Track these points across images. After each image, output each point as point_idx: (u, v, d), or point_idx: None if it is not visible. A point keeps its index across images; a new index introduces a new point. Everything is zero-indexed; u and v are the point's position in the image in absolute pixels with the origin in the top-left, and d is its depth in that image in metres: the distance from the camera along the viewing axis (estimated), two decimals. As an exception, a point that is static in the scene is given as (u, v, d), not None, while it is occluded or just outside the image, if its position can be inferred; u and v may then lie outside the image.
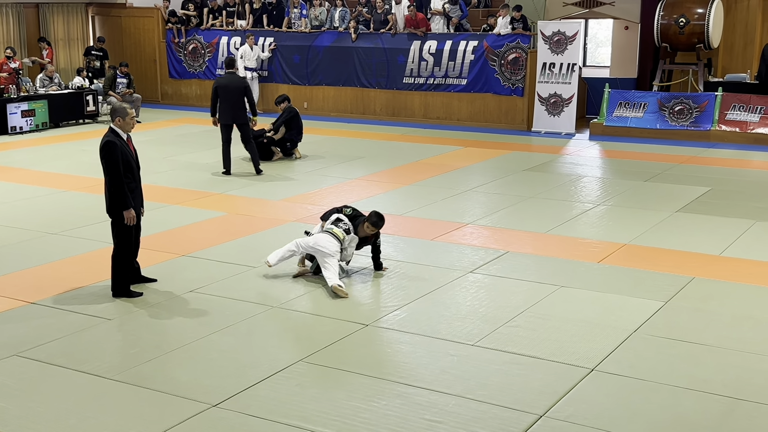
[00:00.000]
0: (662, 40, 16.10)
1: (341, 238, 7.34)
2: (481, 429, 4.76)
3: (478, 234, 8.87)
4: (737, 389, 5.20)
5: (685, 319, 6.41)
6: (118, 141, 6.70)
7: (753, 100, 14.65)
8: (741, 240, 8.54)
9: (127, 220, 6.74)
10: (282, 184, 11.45)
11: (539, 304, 6.74)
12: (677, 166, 12.53)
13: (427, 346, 5.98)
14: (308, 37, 18.24)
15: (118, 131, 6.76)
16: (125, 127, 6.79)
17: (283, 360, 5.65)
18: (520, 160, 13.09)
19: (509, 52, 16.26)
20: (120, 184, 6.65)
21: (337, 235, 7.35)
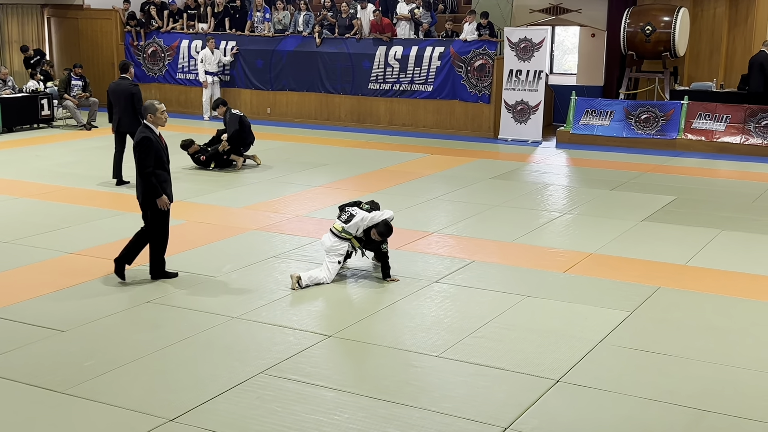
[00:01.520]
0: (628, 48, 16.32)
1: (339, 230, 7.47)
2: (445, 442, 4.76)
3: (444, 243, 8.90)
4: (702, 400, 5.26)
5: (651, 330, 6.48)
6: (152, 136, 7.24)
7: (719, 108, 14.91)
8: (707, 249, 8.66)
9: (161, 206, 7.27)
10: (243, 192, 11.38)
11: (505, 315, 6.77)
12: (643, 174, 12.69)
13: (391, 357, 5.97)
14: (271, 41, 18.19)
15: (152, 126, 7.28)
16: (157, 122, 7.32)
17: (242, 372, 5.61)
18: (486, 168, 13.17)
19: (476, 59, 16.37)
20: (151, 175, 7.19)
21: (336, 229, 7.50)
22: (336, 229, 7.55)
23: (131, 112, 11.20)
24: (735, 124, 14.73)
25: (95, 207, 10.36)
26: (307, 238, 9.01)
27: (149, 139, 7.21)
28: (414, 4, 17.35)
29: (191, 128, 17.33)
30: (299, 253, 8.44)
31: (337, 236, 7.53)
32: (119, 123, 11.38)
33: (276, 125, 17.00)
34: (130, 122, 11.24)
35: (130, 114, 11.21)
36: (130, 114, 11.21)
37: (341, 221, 7.57)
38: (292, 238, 9.03)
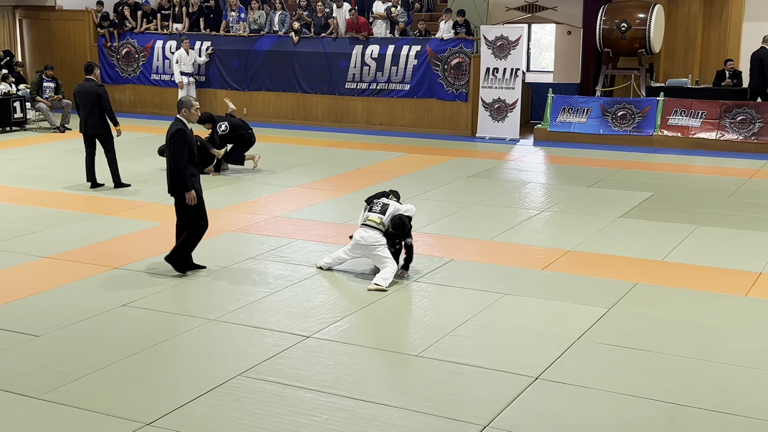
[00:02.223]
0: (604, 45, 16.44)
1: (378, 222, 7.46)
2: (425, 441, 4.77)
3: (422, 242, 8.90)
4: (680, 395, 5.31)
5: (629, 326, 6.53)
6: (186, 129, 7.52)
7: (694, 105, 15.05)
8: (683, 245, 8.74)
9: (189, 200, 7.52)
10: (220, 193, 11.34)
11: (483, 313, 6.80)
12: (620, 171, 12.79)
13: (370, 357, 5.97)
14: (247, 41, 18.13)
15: (185, 121, 7.58)
16: (190, 117, 7.63)
17: (220, 375, 5.59)
18: (464, 167, 13.20)
19: (452, 57, 16.41)
20: (183, 168, 7.44)
21: (374, 221, 7.47)
22: (374, 222, 7.52)
23: (97, 114, 11.10)
24: (710, 120, 14.88)
25: (69, 210, 10.28)
26: (285, 238, 8.99)
27: (183, 132, 7.48)
28: (390, 2, 17.36)
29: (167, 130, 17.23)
30: (277, 254, 8.42)
31: (376, 228, 7.50)
32: (86, 125, 11.26)
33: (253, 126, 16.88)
34: (96, 124, 11.17)
35: (96, 116, 11.12)
36: (96, 116, 11.12)
37: (377, 212, 7.55)
38: (269, 239, 9.00)
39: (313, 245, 8.77)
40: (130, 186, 11.51)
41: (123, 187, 11.44)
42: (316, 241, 8.92)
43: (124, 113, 18.93)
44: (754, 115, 14.59)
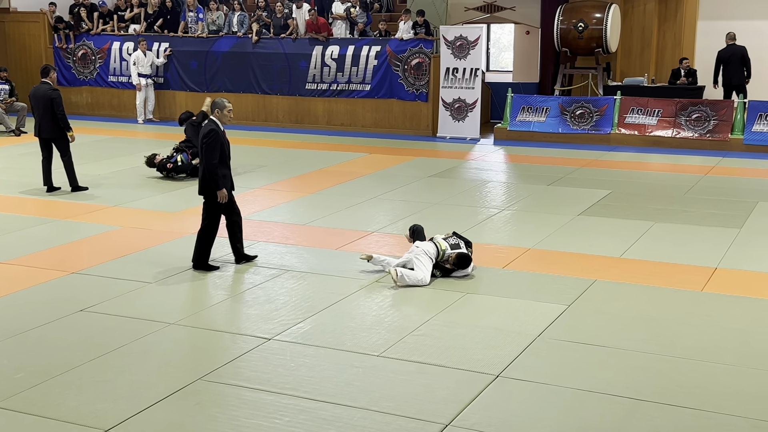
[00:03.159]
0: (562, 44, 16.59)
1: (443, 248, 7.64)
2: (387, 441, 4.77)
3: (384, 242, 8.92)
4: (638, 390, 5.38)
5: (588, 322, 6.60)
6: (219, 130, 7.68)
7: (651, 103, 15.26)
8: (641, 242, 8.86)
9: (220, 198, 7.71)
10: (180, 196, 11.24)
11: (445, 312, 6.82)
12: (579, 169, 12.92)
13: (332, 358, 5.96)
14: (206, 42, 18.00)
15: (217, 122, 7.73)
16: (222, 119, 7.79)
17: (180, 379, 5.54)
18: (425, 166, 13.24)
19: (412, 57, 16.45)
20: (215, 167, 7.62)
21: (440, 244, 7.63)
22: (440, 246, 7.69)
23: (50, 118, 10.95)
24: (666, 118, 15.10)
25: (25, 215, 10.11)
26: (246, 240, 8.91)
27: (216, 133, 7.65)
28: (349, 3, 17.36)
29: (125, 132, 17.07)
30: (237, 257, 8.36)
31: (437, 250, 7.65)
32: (40, 129, 11.11)
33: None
34: (50, 128, 11.01)
35: (49, 119, 10.96)
36: (49, 119, 10.96)
37: (448, 244, 7.73)
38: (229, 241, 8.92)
39: (274, 247, 8.74)
40: (87, 189, 11.36)
41: (80, 191, 11.29)
42: (277, 243, 8.89)
43: (81, 116, 18.70)
44: (709, 113, 14.84)
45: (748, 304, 6.95)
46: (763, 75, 15.34)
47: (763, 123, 14.51)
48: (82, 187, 11.35)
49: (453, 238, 7.85)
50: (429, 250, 7.62)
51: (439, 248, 7.67)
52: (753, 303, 6.99)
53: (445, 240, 7.82)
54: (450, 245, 7.74)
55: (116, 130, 17.15)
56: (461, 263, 7.63)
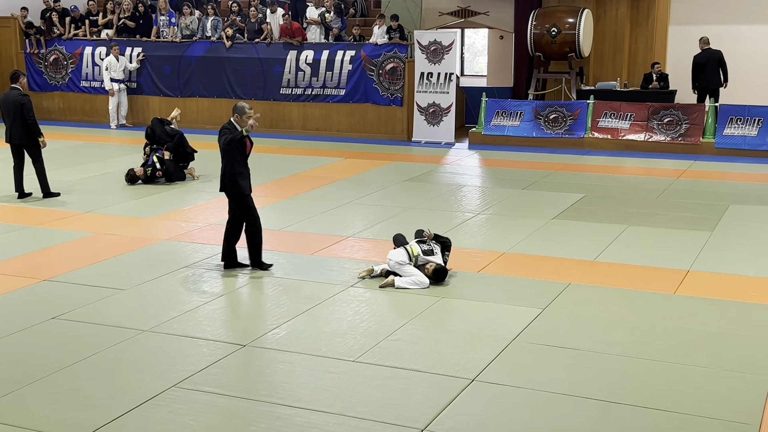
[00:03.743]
0: (536, 49, 16.70)
1: (415, 254, 7.63)
2: (363, 447, 4.77)
3: (359, 247, 8.92)
4: (611, 393, 5.41)
5: (562, 326, 6.63)
6: (232, 130, 7.71)
7: (623, 107, 15.40)
8: (614, 245, 8.93)
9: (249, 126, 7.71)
10: (153, 201, 11.16)
11: (420, 317, 6.83)
12: (553, 173, 13.00)
13: (307, 364, 5.95)
14: (179, 47, 17.91)
15: (235, 125, 7.76)
16: (240, 123, 7.77)
17: (154, 387, 5.49)
18: (400, 171, 13.26)
19: (387, 62, 16.48)
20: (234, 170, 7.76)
21: (412, 250, 7.63)
22: (411, 252, 7.67)
23: (21, 124, 10.86)
24: (639, 122, 15.24)
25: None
26: (220, 246, 8.87)
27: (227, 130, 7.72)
28: (324, 8, 17.36)
29: (98, 137, 16.94)
30: (212, 262, 8.32)
31: (408, 255, 7.64)
32: (11, 135, 11.01)
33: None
34: (21, 134, 10.92)
35: (20, 125, 10.87)
36: (20, 125, 10.87)
37: (421, 249, 7.70)
38: (204, 247, 8.90)
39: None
40: (59, 195, 11.25)
41: (52, 197, 11.18)
42: (251, 249, 8.84)
43: (53, 121, 18.53)
44: (681, 117, 15.00)
45: (720, 307, 7.03)
46: (733, 79, 15.53)
47: (734, 127, 14.69)
48: (54, 194, 11.24)
49: (427, 244, 7.85)
50: (401, 261, 7.59)
51: (411, 254, 7.67)
52: (725, 305, 7.06)
53: (418, 244, 7.82)
54: (423, 251, 7.73)
55: (89, 136, 17.01)
56: (437, 277, 7.59)
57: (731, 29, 16.48)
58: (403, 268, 7.57)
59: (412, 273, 7.54)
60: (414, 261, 7.64)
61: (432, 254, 7.74)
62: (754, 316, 6.78)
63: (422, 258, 7.67)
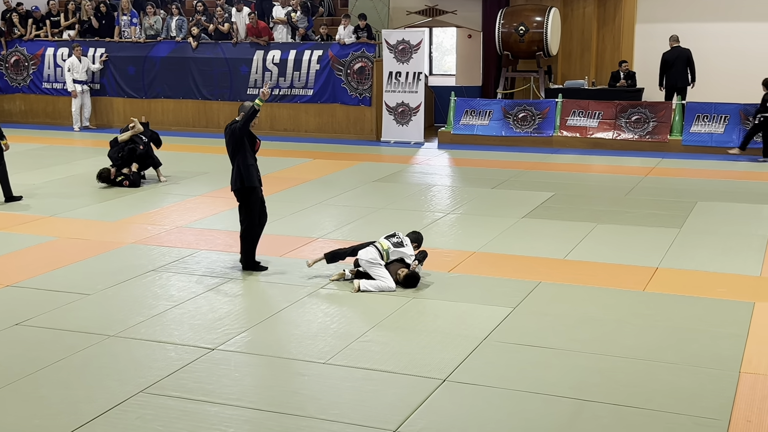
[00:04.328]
0: (504, 48, 16.79)
1: (385, 248, 7.59)
2: (334, 450, 4.76)
3: (329, 248, 8.88)
4: (583, 391, 5.46)
5: (533, 324, 6.68)
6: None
7: (591, 105, 15.54)
8: (584, 243, 9.01)
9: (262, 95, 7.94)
10: (119, 204, 11.06)
11: (391, 317, 6.84)
12: (523, 172, 13.08)
13: (277, 367, 5.93)
14: (143, 47, 17.76)
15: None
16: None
17: (121, 393, 5.44)
18: (369, 171, 13.27)
19: (355, 62, 16.47)
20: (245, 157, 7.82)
21: (381, 245, 7.61)
22: (381, 247, 7.64)
23: None
24: (607, 120, 15.38)
25: (-44, 227, 9.85)
26: (187, 249, 8.84)
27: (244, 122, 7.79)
28: (290, 7, 17.30)
29: (61, 140, 16.74)
30: (180, 266, 8.26)
31: (379, 252, 7.60)
32: None
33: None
34: None
35: None
36: None
37: (391, 243, 7.68)
38: (171, 250, 8.84)
39: (217, 255, 8.66)
40: (21, 199, 11.10)
41: (14, 201, 11.03)
42: (220, 251, 8.81)
43: (15, 124, 18.27)
44: (648, 115, 15.17)
45: (688, 303, 7.12)
46: (700, 77, 15.74)
47: (701, 124, 14.88)
48: (16, 197, 11.10)
49: (396, 237, 7.80)
50: (373, 258, 7.59)
51: (381, 249, 7.65)
52: (693, 301, 7.16)
53: (387, 239, 7.79)
54: (393, 243, 7.70)
55: (51, 138, 16.80)
56: (408, 283, 7.53)
57: (697, 27, 16.69)
58: (372, 268, 7.56)
59: (381, 276, 7.51)
60: (386, 255, 7.62)
61: (402, 246, 7.72)
62: (722, 313, 6.88)
63: (393, 251, 7.64)
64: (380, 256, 7.61)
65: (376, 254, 7.61)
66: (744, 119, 14.56)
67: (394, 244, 7.70)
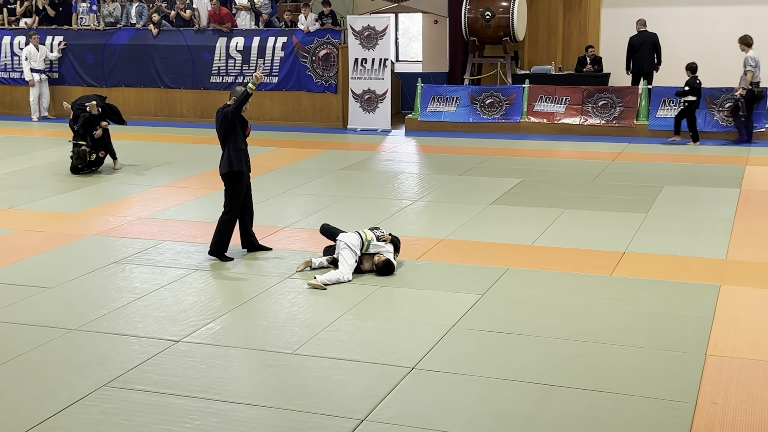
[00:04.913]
0: (470, 33, 16.82)
1: (368, 239, 7.59)
2: (302, 440, 4.76)
3: (296, 238, 8.88)
4: (551, 376, 5.51)
5: (501, 311, 6.72)
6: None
7: (558, 91, 15.62)
8: (551, 229, 9.07)
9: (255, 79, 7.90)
10: (80, 195, 10.93)
11: (359, 306, 6.84)
12: (490, 158, 13.14)
13: (244, 358, 5.91)
14: (103, 35, 17.53)
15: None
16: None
17: (83, 387, 5.39)
18: (336, 159, 13.24)
19: (320, 48, 16.39)
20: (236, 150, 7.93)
21: (365, 234, 7.60)
22: (365, 236, 7.64)
23: None
24: (574, 106, 15.48)
25: None
26: (151, 240, 8.77)
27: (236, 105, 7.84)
28: (253, -8, 17.18)
29: (19, 130, 16.50)
30: (143, 257, 8.19)
31: (362, 240, 7.60)
32: None
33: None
34: None
35: None
36: None
37: (374, 234, 7.71)
38: (134, 241, 8.76)
39: (181, 246, 8.59)
40: None
41: None
42: (184, 242, 8.75)
43: (-29, 114, 17.97)
44: (615, 100, 15.29)
45: (655, 287, 7.20)
46: (666, 61, 15.89)
47: (667, 109, 15.03)
48: None
49: (379, 231, 7.84)
50: (352, 243, 7.58)
51: (364, 238, 7.65)
52: (660, 285, 7.25)
53: (371, 230, 7.82)
54: (376, 236, 7.73)
55: (9, 129, 16.55)
56: (384, 270, 7.55)
57: (663, 11, 16.85)
58: (344, 252, 7.53)
59: (344, 263, 7.47)
60: (366, 246, 7.61)
61: (383, 242, 7.73)
62: (688, 296, 6.97)
63: (374, 244, 7.65)
64: (361, 245, 7.59)
65: (359, 242, 7.60)
66: (710, 103, 14.73)
67: (378, 238, 7.71)
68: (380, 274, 7.53)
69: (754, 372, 5.56)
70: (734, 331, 6.23)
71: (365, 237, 7.68)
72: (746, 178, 11.47)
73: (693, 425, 4.86)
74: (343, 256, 7.53)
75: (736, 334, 6.19)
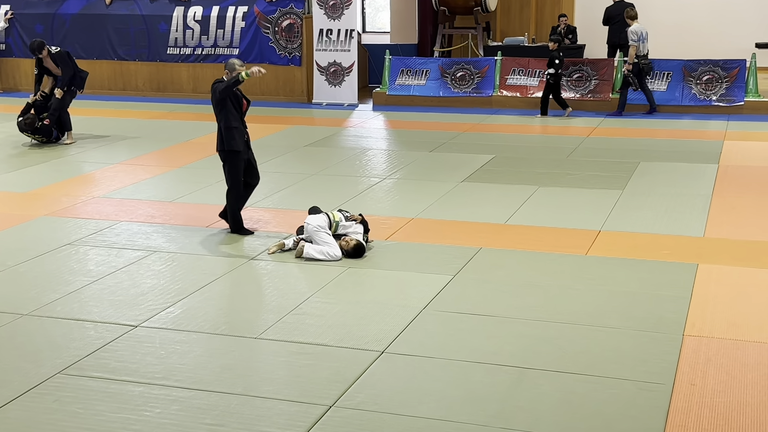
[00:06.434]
0: (440, 3, 16.80)
1: (336, 220, 7.65)
2: (267, 428, 4.77)
3: (259, 217, 8.85)
4: (524, 359, 5.56)
5: (473, 292, 6.76)
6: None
7: (531, 63, 15.67)
8: (525, 207, 9.13)
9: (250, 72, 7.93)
10: (30, 174, 10.78)
11: (326, 288, 6.85)
12: (461, 134, 13.16)
13: (206, 343, 5.90)
14: (52, 4, 17.26)
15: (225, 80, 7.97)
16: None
17: (36, 375, 5.35)
18: (301, 135, 13.19)
19: (283, 19, 16.28)
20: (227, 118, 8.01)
21: (333, 215, 7.71)
22: (333, 218, 7.67)
23: None
24: (548, 79, 15.51)
25: None
26: (106, 221, 8.69)
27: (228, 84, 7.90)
28: (212, -41, 16.98)
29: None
30: (98, 239, 8.12)
31: (329, 221, 7.64)
32: None
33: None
34: None
35: None
36: None
37: (342, 215, 7.75)
38: (88, 222, 8.67)
39: (138, 226, 8.53)
40: None
41: None
42: (141, 222, 8.68)
43: None
44: (590, 73, 15.37)
45: (631, 266, 7.29)
46: (642, 33, 15.97)
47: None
48: None
49: (347, 213, 7.88)
50: (320, 225, 7.57)
51: (332, 219, 7.65)
52: (636, 264, 7.33)
53: (339, 212, 7.84)
54: (345, 216, 7.76)
55: (-47, 104, 16.26)
56: (356, 252, 7.53)
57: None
58: (319, 234, 7.53)
59: (328, 242, 7.50)
60: (334, 227, 7.62)
61: (351, 222, 7.74)
62: (665, 275, 7.06)
63: (343, 224, 7.65)
64: (329, 226, 7.60)
65: (326, 223, 7.60)
66: (687, 76, 14.87)
67: (346, 218, 7.73)
68: (350, 256, 7.53)
69: (732, 352, 5.66)
70: (712, 311, 6.33)
71: (333, 218, 7.68)
72: (724, 153, 11.62)
73: (670, 407, 4.94)
74: (322, 239, 7.51)
75: (713, 313, 6.29)
